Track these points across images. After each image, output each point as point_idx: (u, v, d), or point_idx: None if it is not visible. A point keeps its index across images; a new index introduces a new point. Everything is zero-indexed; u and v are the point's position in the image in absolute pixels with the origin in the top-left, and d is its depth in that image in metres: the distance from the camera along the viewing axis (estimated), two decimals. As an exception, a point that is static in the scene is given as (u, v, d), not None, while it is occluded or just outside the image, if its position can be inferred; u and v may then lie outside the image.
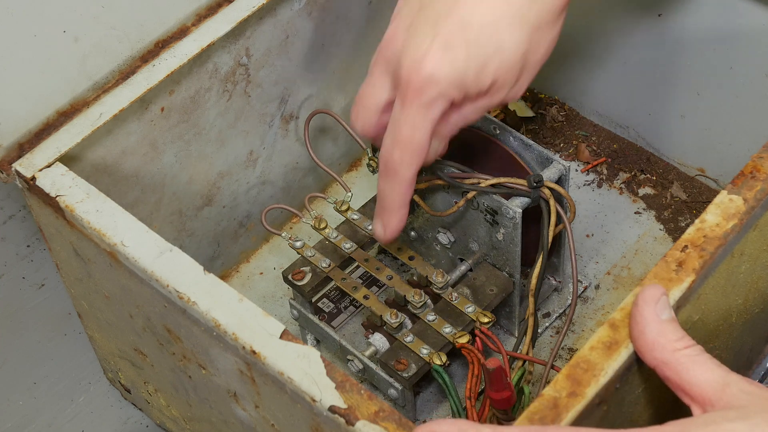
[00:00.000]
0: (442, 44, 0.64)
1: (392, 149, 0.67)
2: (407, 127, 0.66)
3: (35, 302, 0.95)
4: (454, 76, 0.64)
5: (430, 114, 0.66)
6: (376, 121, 0.70)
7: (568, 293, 0.88)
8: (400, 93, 0.66)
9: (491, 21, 0.64)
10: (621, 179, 0.97)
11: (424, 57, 0.64)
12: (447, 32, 0.64)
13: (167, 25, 0.78)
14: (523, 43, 0.65)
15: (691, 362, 0.53)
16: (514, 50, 0.65)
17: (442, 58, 0.64)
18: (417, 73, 0.64)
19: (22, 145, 0.73)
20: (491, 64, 0.65)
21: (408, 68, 0.65)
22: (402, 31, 0.66)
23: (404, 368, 0.76)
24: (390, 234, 0.73)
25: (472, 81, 0.65)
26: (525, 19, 0.64)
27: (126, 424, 0.87)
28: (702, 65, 0.89)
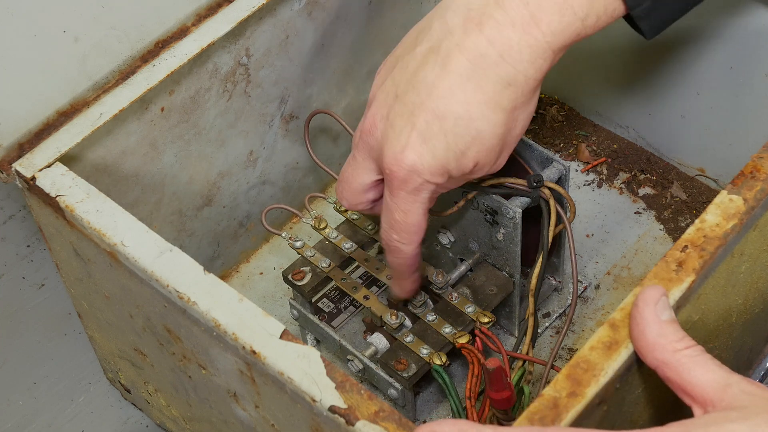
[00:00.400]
0: (419, 136, 0.65)
1: (390, 232, 0.70)
2: (400, 213, 0.69)
3: (35, 302, 0.95)
4: (436, 165, 0.66)
5: (419, 198, 0.68)
6: (362, 199, 0.72)
7: (568, 293, 0.88)
8: (387, 183, 0.68)
9: (465, 111, 0.65)
10: (621, 179, 0.97)
11: (403, 150, 0.66)
12: (423, 124, 0.65)
13: (167, 25, 0.78)
14: (500, 126, 0.66)
15: (692, 363, 0.53)
16: (492, 135, 0.66)
17: (422, 149, 0.66)
18: (399, 166, 0.66)
19: (22, 145, 0.73)
20: (470, 151, 0.66)
21: (389, 161, 0.67)
22: (380, 119, 0.68)
23: (404, 368, 0.76)
24: (409, 294, 0.78)
25: (454, 167, 0.67)
26: (499, 104, 0.65)
27: (126, 424, 0.87)
28: (702, 65, 0.89)
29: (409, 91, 0.66)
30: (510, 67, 0.64)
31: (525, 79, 0.65)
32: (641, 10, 0.66)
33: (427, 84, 0.65)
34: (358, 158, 0.70)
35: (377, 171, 0.70)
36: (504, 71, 0.64)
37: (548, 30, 0.64)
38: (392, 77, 0.68)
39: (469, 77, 0.64)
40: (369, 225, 0.83)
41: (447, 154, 0.66)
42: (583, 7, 0.64)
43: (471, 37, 0.64)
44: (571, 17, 0.64)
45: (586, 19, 0.64)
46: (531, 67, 0.65)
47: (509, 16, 0.64)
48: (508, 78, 0.65)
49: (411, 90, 0.66)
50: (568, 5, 0.63)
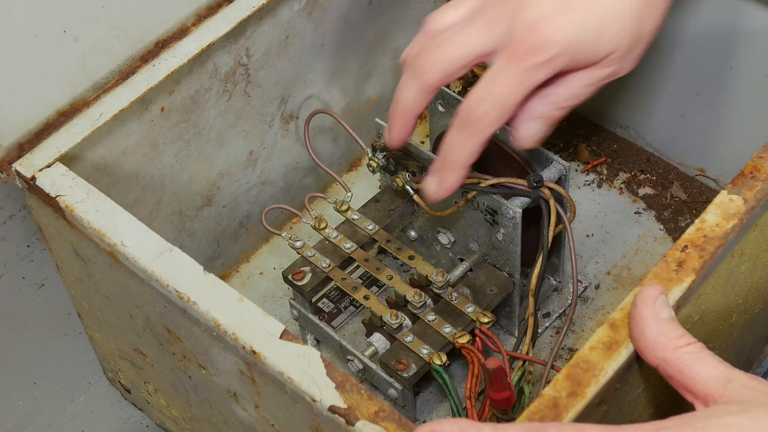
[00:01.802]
0: (563, 5, 0.63)
1: (481, 101, 0.65)
2: (505, 85, 0.64)
3: (35, 302, 0.95)
4: (572, 40, 0.63)
5: (533, 78, 0.64)
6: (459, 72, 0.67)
7: (568, 293, 0.88)
8: (509, 50, 0.64)
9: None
10: (621, 179, 0.97)
11: (542, 18, 0.63)
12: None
13: (167, 25, 0.78)
14: (638, 12, 0.64)
15: (692, 359, 0.53)
16: (632, 16, 0.64)
17: (563, 21, 0.63)
18: (534, 32, 0.63)
19: (22, 145, 0.73)
20: (610, 28, 0.64)
21: (526, 27, 0.63)
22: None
23: (404, 368, 0.76)
24: (444, 192, 0.70)
25: (589, 47, 0.64)
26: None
27: (126, 424, 0.87)
28: (702, 65, 0.89)
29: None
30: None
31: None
32: None
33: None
34: (478, 24, 0.65)
35: (490, 45, 0.65)
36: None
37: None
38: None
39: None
40: (369, 225, 0.83)
41: (585, 31, 0.63)
42: None
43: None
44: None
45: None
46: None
47: None
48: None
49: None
50: None
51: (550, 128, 0.69)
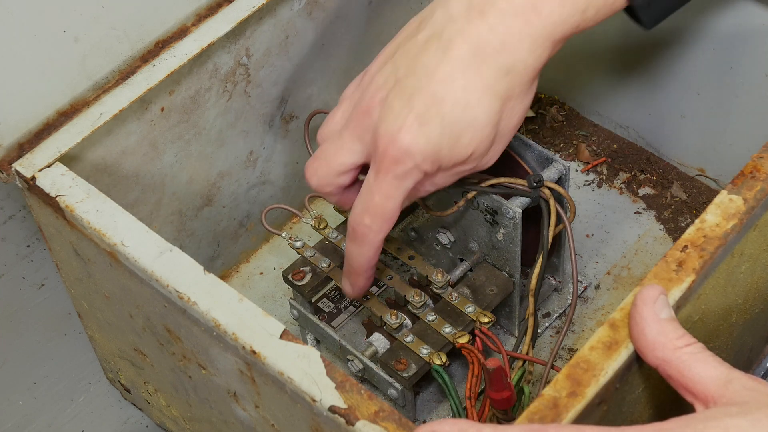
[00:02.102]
0: (417, 118, 0.66)
1: (363, 215, 0.69)
2: (380, 196, 0.68)
3: (35, 302, 0.95)
4: (430, 149, 0.66)
5: (404, 184, 0.68)
6: (335, 181, 0.71)
7: (568, 293, 0.88)
8: (375, 163, 0.68)
9: (464, 96, 0.65)
10: (621, 179, 0.97)
11: (399, 130, 0.66)
12: (422, 107, 0.66)
13: (167, 25, 0.78)
14: (495, 115, 0.66)
15: (693, 360, 0.53)
16: (487, 122, 0.66)
17: (418, 132, 0.66)
18: (393, 145, 0.66)
19: (22, 145, 0.73)
20: (465, 137, 0.66)
21: (385, 140, 0.66)
22: (378, 102, 0.68)
23: (404, 368, 0.76)
24: (358, 293, 0.76)
25: (447, 154, 0.67)
26: (497, 92, 0.66)
27: (126, 424, 0.87)
28: (702, 65, 0.89)
29: (409, 75, 0.67)
30: (510, 55, 0.65)
31: (524, 67, 0.66)
32: (642, 1, 0.67)
33: (428, 69, 0.66)
34: (346, 137, 0.70)
35: (361, 154, 0.69)
36: (504, 59, 0.65)
37: (549, 20, 0.65)
38: (393, 62, 0.68)
39: (469, 63, 0.65)
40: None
41: (441, 140, 0.66)
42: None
43: (473, 24, 0.65)
44: (572, 8, 0.65)
45: (586, 11, 0.65)
46: (530, 56, 0.65)
47: (512, 5, 0.65)
48: (507, 66, 0.65)
49: (411, 74, 0.67)
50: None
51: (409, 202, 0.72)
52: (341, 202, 0.74)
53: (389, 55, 0.70)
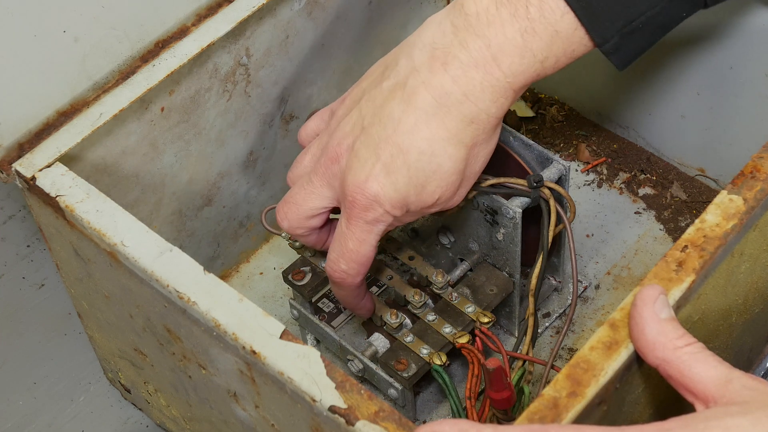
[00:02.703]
0: (383, 168, 0.68)
1: (338, 261, 0.72)
2: (353, 242, 0.70)
3: (35, 302, 0.95)
4: (397, 197, 0.68)
5: (375, 229, 0.70)
6: (305, 224, 0.74)
7: (568, 293, 0.88)
8: (345, 211, 0.70)
9: (428, 146, 0.67)
10: (621, 179, 0.97)
11: (367, 180, 0.68)
12: (388, 156, 0.68)
13: (167, 25, 0.78)
14: (460, 162, 0.69)
15: (693, 360, 0.53)
16: (452, 170, 0.69)
17: (385, 181, 0.68)
18: (362, 194, 0.68)
19: (22, 145, 0.73)
20: (431, 184, 0.69)
21: (352, 189, 0.69)
22: (345, 149, 0.70)
23: (404, 368, 0.76)
24: (365, 315, 0.80)
25: (414, 200, 0.69)
26: (461, 141, 0.68)
27: (126, 424, 0.87)
28: (702, 65, 0.89)
29: (375, 123, 0.69)
30: (473, 105, 0.67)
31: (487, 116, 0.68)
32: (609, 46, 0.68)
33: (393, 119, 0.68)
34: (315, 182, 0.72)
35: (331, 199, 0.72)
36: (467, 109, 0.67)
37: (509, 71, 0.66)
38: (359, 109, 0.70)
39: (433, 114, 0.67)
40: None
41: (408, 188, 0.68)
42: (543, 50, 0.67)
43: (436, 75, 0.67)
44: (531, 59, 0.67)
45: (545, 61, 0.67)
46: (493, 106, 0.67)
47: (472, 57, 0.66)
48: (470, 116, 0.67)
49: (377, 123, 0.69)
50: (527, 48, 0.66)
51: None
52: (315, 243, 0.76)
53: (355, 100, 0.72)
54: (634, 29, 0.68)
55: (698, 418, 0.50)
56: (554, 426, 0.53)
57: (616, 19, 0.67)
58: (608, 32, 0.67)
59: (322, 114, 0.77)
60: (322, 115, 0.77)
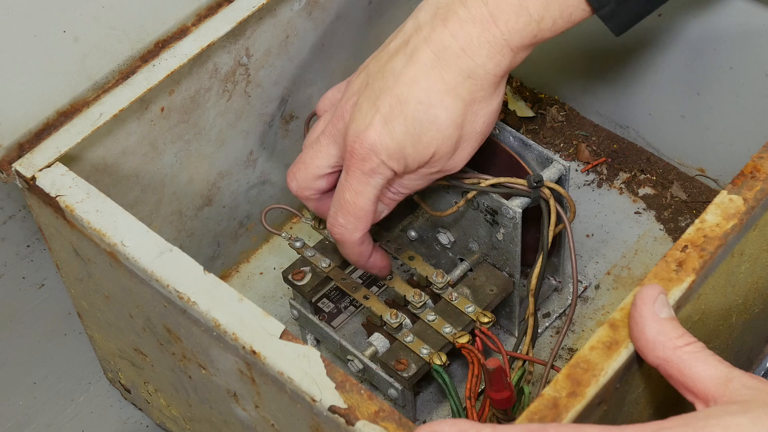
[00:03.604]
0: (382, 119, 0.70)
1: (336, 215, 0.73)
2: (351, 194, 0.72)
3: (35, 302, 0.95)
4: (394, 147, 0.70)
5: (372, 181, 0.71)
6: (313, 185, 0.75)
7: (568, 293, 0.88)
8: (345, 162, 0.71)
9: (426, 96, 0.69)
10: (621, 179, 0.97)
11: (366, 129, 0.70)
12: (387, 107, 0.70)
13: (167, 25, 0.78)
14: (458, 116, 0.70)
15: (693, 359, 0.53)
16: (449, 123, 0.70)
17: (382, 130, 0.69)
18: (360, 144, 0.70)
19: (22, 145, 0.73)
20: (427, 135, 0.70)
21: (352, 139, 0.70)
22: (349, 107, 0.72)
23: (404, 368, 0.76)
24: (382, 273, 0.80)
25: (411, 152, 0.70)
26: (458, 94, 0.69)
27: (126, 424, 0.87)
28: (702, 65, 0.89)
29: (378, 79, 0.71)
30: (470, 60, 0.69)
31: (484, 72, 0.69)
32: (606, 11, 0.70)
33: (395, 72, 0.70)
34: (323, 141, 0.74)
35: (337, 157, 0.73)
36: (464, 63, 0.69)
37: (505, 28, 0.68)
38: (366, 69, 0.73)
39: (432, 67, 0.69)
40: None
41: (405, 137, 0.69)
42: (539, 10, 0.68)
43: (436, 31, 0.69)
44: (527, 18, 0.68)
45: (541, 22, 0.69)
46: (490, 62, 0.69)
47: (471, 13, 0.68)
48: (468, 70, 0.69)
49: (380, 78, 0.71)
50: (523, 7, 0.68)
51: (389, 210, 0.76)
52: (321, 209, 0.77)
53: (366, 65, 0.74)
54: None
55: (698, 417, 0.50)
56: (554, 426, 0.53)
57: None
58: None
59: (340, 86, 0.79)
60: (339, 86, 0.79)
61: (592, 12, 0.70)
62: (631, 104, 0.97)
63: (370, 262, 0.78)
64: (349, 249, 0.76)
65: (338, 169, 0.74)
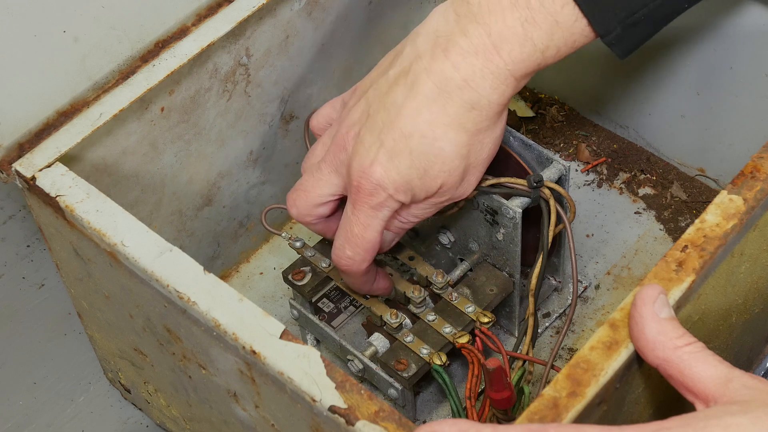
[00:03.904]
0: (387, 153, 0.69)
1: (344, 247, 0.73)
2: (359, 227, 0.71)
3: (35, 302, 0.95)
4: (401, 181, 0.69)
5: (380, 215, 0.71)
6: (314, 212, 0.75)
7: (568, 293, 0.88)
8: (351, 196, 0.71)
9: (430, 130, 0.68)
10: (621, 179, 0.97)
11: (371, 164, 0.69)
12: (391, 141, 0.69)
13: (167, 25, 0.78)
14: (463, 147, 0.69)
15: (693, 359, 0.53)
16: (454, 155, 0.69)
17: (388, 165, 0.69)
18: (367, 180, 0.70)
19: (22, 145, 0.73)
20: (433, 168, 0.69)
21: (358, 174, 0.70)
22: (351, 138, 0.71)
23: (404, 368, 0.76)
24: (383, 293, 0.80)
25: (417, 184, 0.70)
26: (462, 126, 0.68)
27: (126, 424, 0.87)
28: (702, 65, 0.89)
29: (380, 110, 0.70)
30: (473, 91, 0.68)
31: (488, 103, 0.68)
32: (611, 38, 0.69)
33: (397, 104, 0.69)
34: (324, 170, 0.73)
35: (339, 186, 0.73)
36: (468, 95, 0.68)
37: (509, 59, 0.67)
38: (366, 97, 0.72)
39: (435, 99, 0.68)
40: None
41: (411, 171, 0.69)
42: (543, 40, 0.67)
43: (438, 62, 0.68)
44: (531, 48, 0.67)
45: (546, 51, 0.68)
46: (494, 93, 0.68)
47: (473, 43, 0.67)
48: (471, 102, 0.68)
49: (382, 110, 0.70)
50: (528, 37, 0.67)
51: (399, 238, 0.76)
52: (323, 231, 0.77)
53: (364, 90, 0.73)
54: (636, 20, 0.68)
55: (698, 417, 0.50)
56: (554, 426, 0.53)
57: (618, 10, 0.68)
58: (611, 24, 0.68)
59: (334, 103, 0.78)
60: (333, 103, 0.78)
61: (595, 37, 0.69)
62: (631, 104, 0.97)
63: (375, 287, 0.78)
64: (356, 278, 0.76)
65: (339, 197, 0.74)
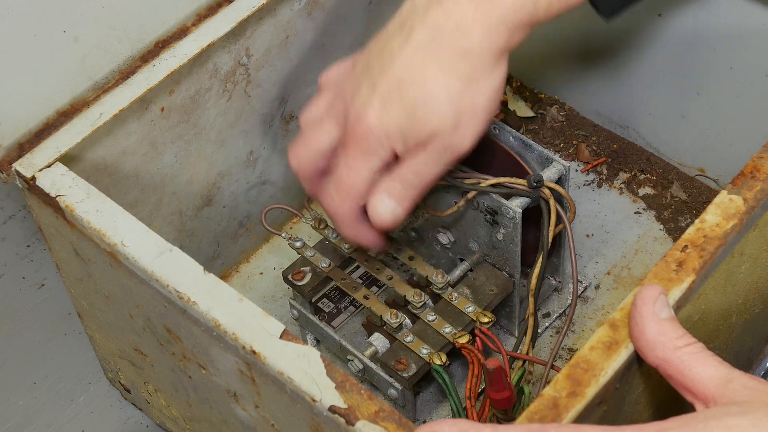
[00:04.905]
0: (380, 99, 0.70)
1: (332, 192, 0.73)
2: (345, 170, 0.72)
3: (35, 302, 0.95)
4: (392, 125, 0.70)
5: (368, 159, 0.71)
6: (313, 162, 0.75)
7: (568, 293, 0.88)
8: (343, 141, 0.72)
9: (421, 75, 0.69)
10: (621, 179, 0.97)
11: (365, 109, 0.70)
12: (384, 87, 0.70)
13: (167, 25, 0.78)
14: (454, 92, 0.69)
15: (693, 360, 0.53)
16: (444, 98, 0.69)
17: (381, 110, 0.70)
18: (358, 123, 0.71)
19: (22, 145, 0.73)
20: (423, 112, 0.70)
21: (352, 120, 0.71)
22: (350, 89, 0.73)
23: (404, 368, 0.76)
24: (379, 248, 0.79)
25: (408, 129, 0.70)
26: (454, 72, 0.69)
27: (126, 424, 0.87)
28: (702, 65, 0.89)
29: (376, 60, 0.72)
30: (464, 37, 0.69)
31: (480, 50, 0.69)
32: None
33: (392, 54, 0.71)
34: (325, 121, 0.74)
35: (338, 136, 0.73)
36: (459, 41, 0.69)
37: (501, 7, 0.68)
38: (367, 52, 0.74)
39: (428, 46, 0.69)
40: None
41: (401, 116, 0.70)
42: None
43: (432, 11, 0.70)
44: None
45: (537, 2, 0.68)
46: (485, 40, 0.69)
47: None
48: (463, 48, 0.69)
49: (378, 59, 0.71)
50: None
51: (403, 208, 0.73)
52: (314, 190, 0.77)
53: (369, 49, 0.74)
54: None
55: (698, 418, 0.50)
56: (554, 426, 0.53)
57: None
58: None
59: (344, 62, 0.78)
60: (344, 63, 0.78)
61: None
62: (631, 104, 0.97)
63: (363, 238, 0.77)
64: (348, 228, 0.75)
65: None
